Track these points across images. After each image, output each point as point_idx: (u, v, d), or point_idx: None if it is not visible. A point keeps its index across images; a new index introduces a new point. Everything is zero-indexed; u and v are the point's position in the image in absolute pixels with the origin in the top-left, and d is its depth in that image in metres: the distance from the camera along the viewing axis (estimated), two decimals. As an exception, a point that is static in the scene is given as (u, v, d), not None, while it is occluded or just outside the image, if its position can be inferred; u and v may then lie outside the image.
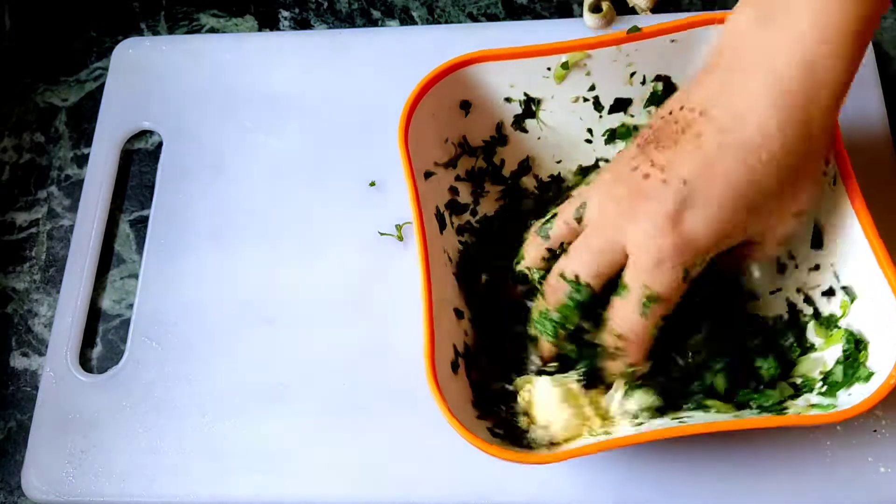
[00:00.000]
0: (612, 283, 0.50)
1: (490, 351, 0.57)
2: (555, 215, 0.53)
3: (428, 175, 0.58)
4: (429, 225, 0.54)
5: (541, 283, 0.53)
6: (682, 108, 0.48)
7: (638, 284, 0.48)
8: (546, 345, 0.53)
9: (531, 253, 0.54)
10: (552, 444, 0.53)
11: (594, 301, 0.50)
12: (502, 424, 0.54)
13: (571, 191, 0.57)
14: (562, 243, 0.52)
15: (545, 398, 0.53)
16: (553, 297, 0.51)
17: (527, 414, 0.54)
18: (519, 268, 0.55)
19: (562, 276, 0.50)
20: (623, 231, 0.47)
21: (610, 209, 0.48)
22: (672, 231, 0.46)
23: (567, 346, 0.53)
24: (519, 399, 0.54)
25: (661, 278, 0.47)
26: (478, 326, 0.57)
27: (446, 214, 0.58)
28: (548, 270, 0.53)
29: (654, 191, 0.46)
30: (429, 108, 0.56)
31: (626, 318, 0.49)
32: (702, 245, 0.46)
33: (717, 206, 0.45)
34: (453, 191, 0.60)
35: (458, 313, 0.56)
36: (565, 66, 0.57)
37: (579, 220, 0.50)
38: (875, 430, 0.56)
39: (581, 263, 0.49)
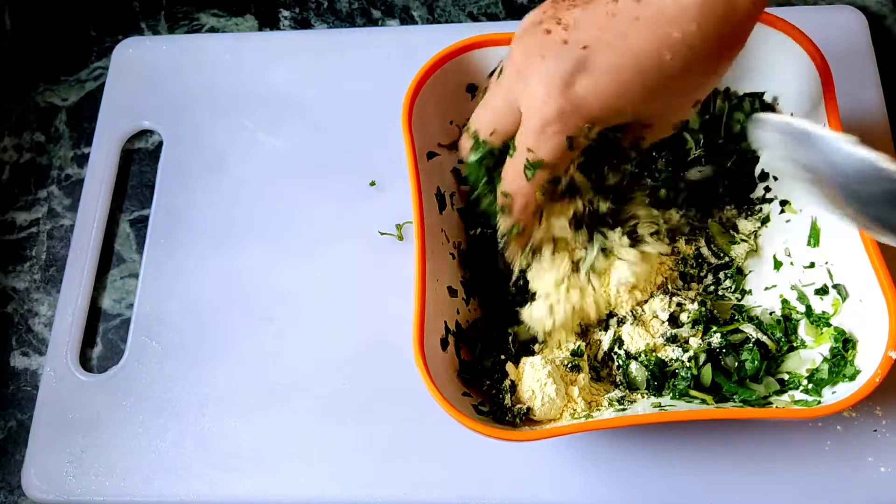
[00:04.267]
0: None
1: (482, 328, 0.58)
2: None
3: (431, 156, 0.58)
4: (428, 203, 0.55)
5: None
6: None
7: (524, 147, 0.47)
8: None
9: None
10: (533, 422, 0.54)
11: (498, 159, 0.51)
12: (487, 402, 0.54)
13: None
14: None
15: (533, 374, 0.54)
16: (462, 153, 0.52)
17: (512, 391, 0.54)
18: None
19: (467, 130, 0.51)
20: (516, 90, 0.46)
21: (510, 68, 0.47)
22: (561, 95, 0.44)
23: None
24: (508, 375, 0.55)
25: (545, 143, 0.46)
26: (471, 305, 0.58)
27: (447, 196, 0.59)
28: None
29: (552, 50, 0.44)
30: (434, 89, 0.57)
31: (512, 178, 0.49)
32: (590, 114, 0.44)
33: (613, 79, 0.43)
34: (456, 173, 0.61)
35: (452, 291, 0.56)
36: None
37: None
38: (875, 430, 0.56)
39: (480, 120, 0.49)
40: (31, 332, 0.66)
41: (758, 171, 0.60)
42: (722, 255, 0.59)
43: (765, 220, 0.60)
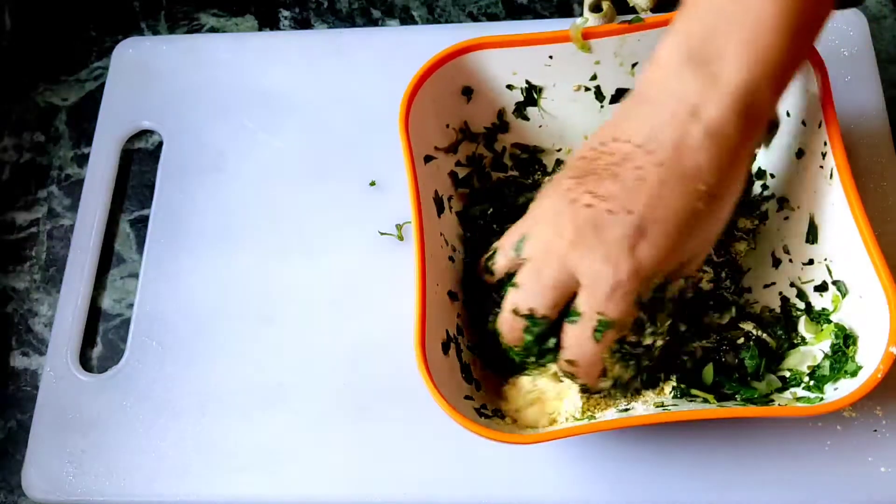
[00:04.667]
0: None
1: (482, 332, 0.57)
2: (495, 251, 0.53)
3: (428, 159, 0.58)
4: (426, 208, 0.55)
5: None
6: (615, 139, 0.49)
7: (592, 312, 0.49)
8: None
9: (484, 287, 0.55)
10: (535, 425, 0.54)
11: (551, 329, 0.51)
12: (489, 404, 0.54)
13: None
14: (506, 273, 0.53)
15: (521, 390, 0.54)
16: (511, 334, 0.52)
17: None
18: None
19: (515, 311, 0.51)
20: (573, 262, 0.48)
21: (557, 242, 0.49)
22: (628, 259, 0.47)
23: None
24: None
25: (616, 305, 0.48)
26: (471, 308, 0.58)
27: (445, 199, 0.59)
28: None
29: (602, 220, 0.47)
30: (430, 93, 0.57)
31: (579, 343, 0.50)
32: (652, 272, 0.48)
33: (664, 236, 0.47)
34: (453, 176, 0.61)
35: (453, 295, 0.56)
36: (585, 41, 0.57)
37: (518, 252, 0.51)
38: (875, 430, 0.56)
39: (535, 297, 0.50)
40: (31, 332, 0.66)
41: (755, 168, 0.60)
42: (721, 252, 0.59)
43: (763, 218, 0.60)
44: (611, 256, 0.47)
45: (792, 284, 0.57)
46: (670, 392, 0.54)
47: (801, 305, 0.56)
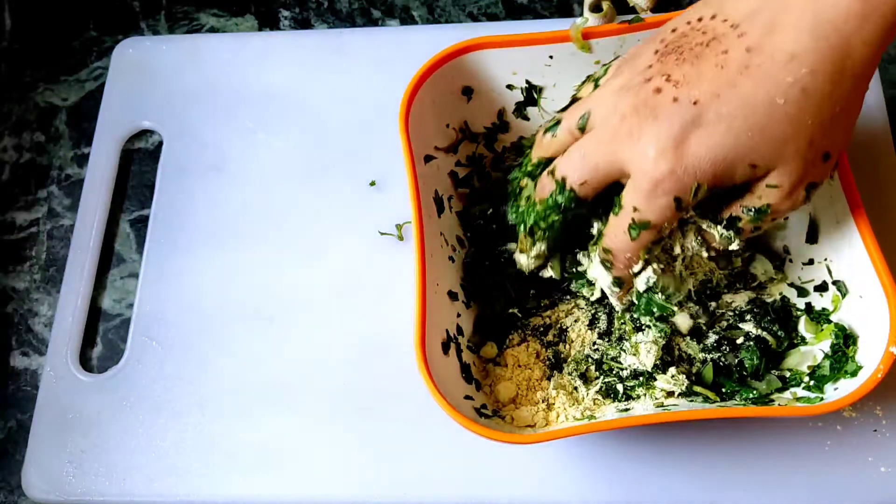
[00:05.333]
0: (605, 197, 0.49)
1: (484, 329, 0.58)
2: (559, 121, 0.50)
3: (428, 159, 0.58)
4: (426, 208, 0.55)
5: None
6: (713, 16, 0.44)
7: (630, 206, 0.46)
8: (527, 246, 0.53)
9: (535, 156, 0.53)
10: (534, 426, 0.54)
11: (578, 209, 0.49)
12: (489, 405, 0.55)
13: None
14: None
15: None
16: (540, 193, 0.50)
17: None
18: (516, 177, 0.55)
19: (551, 173, 0.49)
20: (623, 148, 0.45)
21: (613, 122, 0.46)
22: (672, 154, 0.43)
23: (552, 262, 0.54)
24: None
25: (654, 204, 0.45)
26: (472, 306, 0.58)
27: (445, 199, 0.59)
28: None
29: (663, 109, 0.44)
30: (430, 93, 0.57)
31: (616, 235, 0.48)
32: (702, 171, 0.44)
33: (724, 129, 0.43)
34: (453, 176, 0.61)
35: (453, 295, 0.56)
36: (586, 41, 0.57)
37: (583, 129, 0.48)
38: (875, 430, 0.56)
39: (572, 168, 0.48)
40: (31, 332, 0.66)
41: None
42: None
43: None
44: (659, 150, 0.43)
45: (792, 284, 0.57)
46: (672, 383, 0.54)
47: (801, 305, 0.56)
